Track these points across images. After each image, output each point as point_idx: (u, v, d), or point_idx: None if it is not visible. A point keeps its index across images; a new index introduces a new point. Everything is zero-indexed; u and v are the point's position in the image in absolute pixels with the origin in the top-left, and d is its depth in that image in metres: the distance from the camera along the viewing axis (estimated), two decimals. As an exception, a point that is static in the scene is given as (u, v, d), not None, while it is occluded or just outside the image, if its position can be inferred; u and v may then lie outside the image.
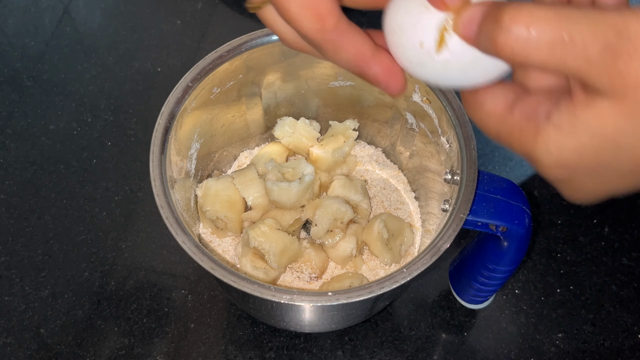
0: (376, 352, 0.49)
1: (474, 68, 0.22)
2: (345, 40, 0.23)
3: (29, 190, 0.57)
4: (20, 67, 0.66)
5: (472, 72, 0.22)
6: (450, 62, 0.22)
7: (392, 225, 0.49)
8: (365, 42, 0.24)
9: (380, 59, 0.24)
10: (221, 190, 0.47)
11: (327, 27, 0.23)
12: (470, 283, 0.46)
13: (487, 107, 0.23)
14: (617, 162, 0.20)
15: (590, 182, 0.21)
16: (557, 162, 0.20)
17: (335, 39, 0.23)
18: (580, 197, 0.23)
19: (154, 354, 0.49)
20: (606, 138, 0.19)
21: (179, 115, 0.41)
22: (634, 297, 0.53)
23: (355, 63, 0.24)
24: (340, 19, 0.23)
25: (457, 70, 0.22)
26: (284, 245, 0.45)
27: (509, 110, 0.22)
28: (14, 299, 0.51)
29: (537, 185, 0.58)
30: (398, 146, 0.53)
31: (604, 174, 0.21)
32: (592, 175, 0.21)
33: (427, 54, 0.22)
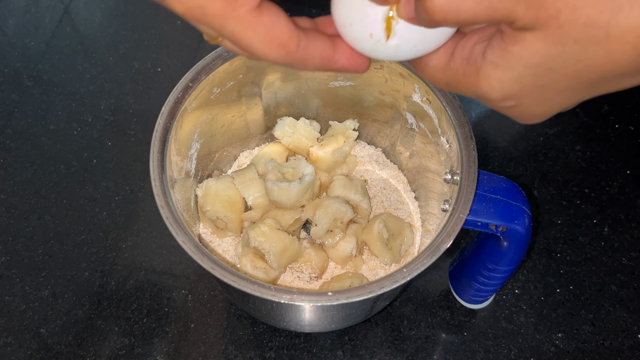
0: (376, 352, 0.49)
1: (423, 42, 0.24)
2: (309, 52, 0.24)
3: (29, 190, 0.57)
4: (20, 67, 0.66)
5: (422, 45, 0.24)
6: (400, 45, 0.24)
7: (392, 225, 0.49)
8: (325, 43, 0.25)
9: (342, 51, 0.26)
10: (221, 190, 0.47)
11: (291, 50, 0.24)
12: (470, 283, 0.46)
13: (433, 63, 0.25)
14: (555, 83, 0.22)
15: (536, 105, 0.23)
16: (502, 95, 0.22)
17: (301, 56, 0.24)
18: (532, 119, 0.24)
19: (154, 354, 0.49)
20: (539, 65, 0.21)
21: (179, 115, 0.41)
22: (633, 297, 0.53)
23: (322, 66, 0.26)
24: (301, 37, 0.24)
25: (409, 49, 0.24)
26: (284, 245, 0.45)
27: (451, 59, 0.24)
28: (14, 299, 0.51)
29: (537, 185, 0.58)
30: (398, 146, 0.53)
31: (546, 95, 0.22)
32: (536, 99, 0.23)
33: (378, 43, 0.24)
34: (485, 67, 0.22)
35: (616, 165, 0.60)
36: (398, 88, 0.46)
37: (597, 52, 0.20)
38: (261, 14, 0.22)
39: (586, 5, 0.19)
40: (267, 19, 0.23)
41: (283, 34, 0.23)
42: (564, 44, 0.20)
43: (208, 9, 0.22)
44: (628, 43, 0.19)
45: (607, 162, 0.60)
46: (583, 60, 0.20)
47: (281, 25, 0.23)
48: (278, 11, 0.23)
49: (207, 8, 0.22)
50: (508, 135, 0.61)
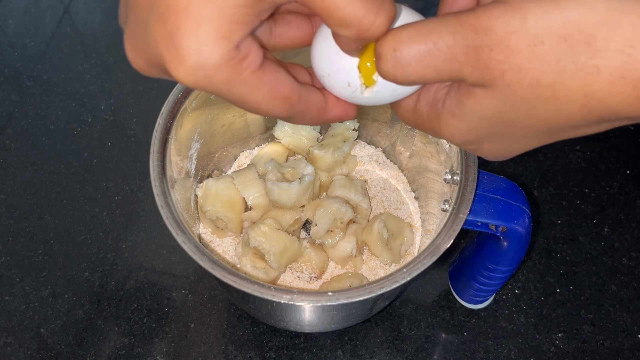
0: (376, 352, 0.49)
1: (401, 88, 0.25)
2: (308, 104, 0.25)
3: (29, 190, 0.57)
4: (20, 67, 0.66)
5: (401, 90, 0.25)
6: (380, 90, 0.25)
7: (392, 225, 0.49)
8: (319, 96, 0.26)
9: (332, 101, 0.26)
10: (221, 190, 0.47)
11: (294, 103, 0.24)
12: (470, 283, 0.46)
13: (403, 104, 0.26)
14: (511, 132, 0.22)
15: (497, 149, 0.24)
16: (461, 141, 0.24)
17: (301, 109, 0.25)
18: (496, 158, 0.25)
19: (154, 354, 0.49)
20: (492, 118, 0.21)
21: (179, 115, 0.41)
22: (633, 297, 0.53)
23: (318, 117, 0.26)
24: (301, 90, 0.24)
25: (388, 94, 0.25)
26: (284, 245, 0.45)
27: (417, 101, 0.25)
28: (14, 299, 0.51)
29: (537, 185, 0.58)
30: (398, 146, 0.53)
31: (506, 141, 0.23)
32: (495, 145, 0.23)
33: (356, 91, 0.25)
34: (445, 115, 0.23)
35: (616, 165, 0.60)
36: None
37: (546, 109, 0.20)
38: (264, 73, 0.22)
39: (531, 67, 0.19)
40: (270, 78, 0.23)
41: (285, 90, 0.23)
42: (513, 102, 0.20)
43: (214, 78, 0.21)
44: (576, 102, 0.19)
45: (607, 162, 0.60)
46: (534, 115, 0.21)
47: (283, 82, 0.23)
48: (278, 66, 0.23)
49: (213, 78, 0.21)
50: (508, 135, 0.61)
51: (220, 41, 0.20)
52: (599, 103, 0.19)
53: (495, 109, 0.21)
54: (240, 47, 0.21)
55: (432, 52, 0.20)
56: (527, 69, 0.19)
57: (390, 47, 0.21)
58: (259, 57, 0.22)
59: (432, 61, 0.21)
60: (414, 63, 0.21)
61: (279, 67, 0.23)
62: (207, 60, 0.20)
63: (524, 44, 0.19)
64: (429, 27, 0.21)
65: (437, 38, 0.20)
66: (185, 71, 0.20)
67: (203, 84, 0.21)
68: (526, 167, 0.60)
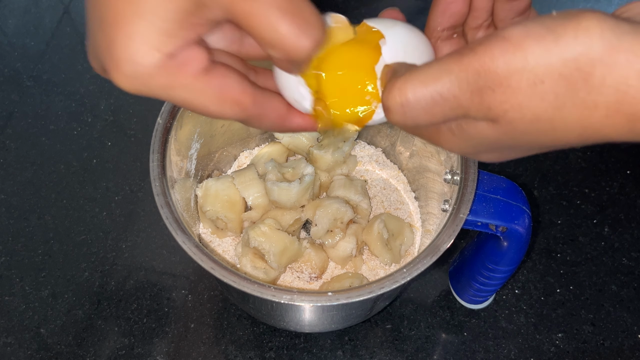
0: (376, 352, 0.49)
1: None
2: (265, 109, 0.25)
3: (29, 190, 0.57)
4: (20, 67, 0.66)
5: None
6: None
7: (392, 225, 0.49)
8: (281, 102, 0.26)
9: (295, 111, 0.27)
10: (221, 190, 0.47)
11: (246, 107, 0.24)
12: (470, 283, 0.46)
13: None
14: (509, 150, 0.24)
15: (496, 156, 0.25)
16: (459, 152, 0.25)
17: (257, 113, 0.25)
18: (494, 161, 0.26)
19: (154, 354, 0.49)
20: (491, 144, 0.23)
21: (179, 115, 0.41)
22: (634, 297, 0.53)
23: (278, 124, 0.27)
24: (255, 94, 0.25)
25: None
26: (284, 245, 0.45)
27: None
28: (14, 299, 0.51)
29: (537, 185, 0.58)
30: (398, 146, 0.53)
31: (503, 154, 0.25)
32: (495, 153, 0.25)
33: (305, 106, 0.26)
34: (445, 133, 0.24)
35: (616, 165, 0.60)
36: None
37: (545, 139, 0.21)
38: (210, 77, 0.23)
39: (531, 105, 0.20)
40: (216, 82, 0.23)
41: (235, 93, 0.24)
42: (514, 134, 0.22)
43: (151, 85, 0.22)
44: (573, 132, 0.20)
45: (607, 162, 0.60)
46: (534, 142, 0.22)
47: (233, 84, 0.24)
48: (228, 70, 0.24)
49: (150, 84, 0.22)
50: (508, 135, 0.61)
51: (150, 52, 0.21)
52: (595, 133, 0.20)
53: (496, 138, 0.22)
54: (177, 56, 0.22)
55: (438, 103, 0.21)
56: (528, 106, 0.20)
57: (397, 101, 0.22)
58: (201, 63, 0.22)
59: (439, 110, 0.22)
60: (422, 114, 0.22)
61: (231, 72, 0.24)
62: (139, 69, 0.21)
63: (525, 83, 0.20)
64: (433, 76, 0.21)
65: (443, 89, 0.21)
66: (123, 79, 0.22)
67: (142, 90, 0.22)
68: (526, 167, 0.60)
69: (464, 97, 0.21)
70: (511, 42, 0.20)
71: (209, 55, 0.23)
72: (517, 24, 0.20)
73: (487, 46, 0.20)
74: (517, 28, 0.20)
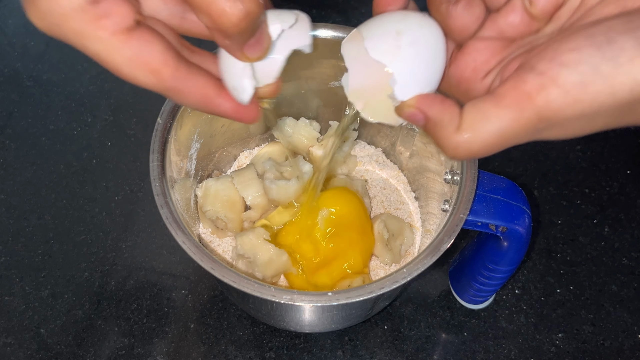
0: (376, 352, 0.49)
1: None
2: (187, 85, 0.24)
3: (29, 190, 0.57)
4: (20, 67, 0.66)
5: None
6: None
7: (392, 225, 0.49)
8: (209, 83, 0.25)
9: (226, 96, 0.26)
10: (221, 190, 0.47)
11: (164, 78, 0.23)
12: (470, 283, 0.46)
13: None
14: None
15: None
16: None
17: (175, 87, 0.24)
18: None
19: (154, 354, 0.49)
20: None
21: (179, 115, 0.41)
22: (634, 297, 0.53)
23: (202, 104, 0.26)
24: (178, 68, 0.24)
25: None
26: (269, 257, 0.44)
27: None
28: (14, 299, 0.51)
29: (537, 185, 0.58)
30: (398, 146, 0.53)
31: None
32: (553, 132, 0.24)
33: (241, 95, 0.26)
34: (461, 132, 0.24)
35: (616, 165, 0.60)
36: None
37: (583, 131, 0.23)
38: (130, 37, 0.22)
39: (577, 127, 0.22)
40: (136, 43, 0.22)
41: (154, 60, 0.23)
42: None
43: (65, 27, 0.21)
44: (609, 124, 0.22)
45: (607, 162, 0.60)
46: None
47: (153, 51, 0.23)
48: (153, 36, 0.23)
49: (63, 27, 0.21)
50: (508, 135, 0.61)
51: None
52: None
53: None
54: (100, 5, 0.21)
55: (499, 147, 0.23)
56: (574, 130, 0.22)
57: (461, 154, 0.23)
58: (124, 20, 0.22)
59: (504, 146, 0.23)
60: (483, 154, 0.23)
61: (156, 39, 0.23)
62: (55, 7, 0.21)
63: (573, 115, 0.21)
64: (496, 135, 0.22)
65: (508, 142, 0.22)
66: (37, 15, 0.21)
67: (55, 31, 0.22)
68: (526, 167, 0.60)
69: (523, 140, 0.22)
70: (566, 90, 0.20)
71: (135, 15, 0.22)
72: (565, 68, 0.20)
73: (546, 98, 0.21)
74: (570, 74, 0.20)
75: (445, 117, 0.23)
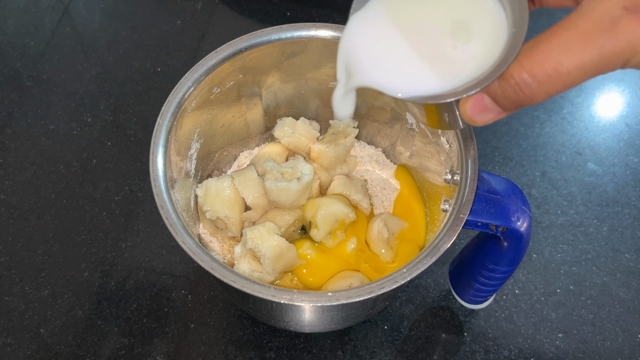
0: (376, 352, 0.49)
1: None
2: None
3: (29, 190, 0.57)
4: (20, 67, 0.66)
5: None
6: None
7: (392, 225, 0.49)
8: None
9: None
10: (221, 190, 0.47)
11: None
12: (470, 283, 0.46)
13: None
14: None
15: None
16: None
17: None
18: None
19: (154, 354, 0.49)
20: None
21: (179, 115, 0.41)
22: (633, 297, 0.53)
23: None
24: None
25: None
26: (281, 250, 0.44)
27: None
28: (14, 299, 0.51)
29: (537, 185, 0.58)
30: (398, 146, 0.53)
31: None
32: None
33: None
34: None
35: (616, 165, 0.60)
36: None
37: None
38: None
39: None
40: None
41: None
42: None
43: None
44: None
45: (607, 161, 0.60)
46: None
47: None
48: None
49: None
50: (508, 135, 0.61)
51: None
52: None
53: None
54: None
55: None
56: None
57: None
58: None
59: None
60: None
61: None
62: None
63: None
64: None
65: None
66: None
67: None
68: (526, 167, 0.60)
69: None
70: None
71: None
72: None
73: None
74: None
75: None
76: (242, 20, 0.69)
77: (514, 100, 0.24)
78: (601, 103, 0.64)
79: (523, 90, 0.23)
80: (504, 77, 0.23)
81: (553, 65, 0.22)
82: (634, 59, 0.22)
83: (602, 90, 0.65)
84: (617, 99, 0.65)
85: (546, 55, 0.22)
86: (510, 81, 0.23)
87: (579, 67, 0.22)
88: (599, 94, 0.65)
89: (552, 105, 0.64)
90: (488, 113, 0.25)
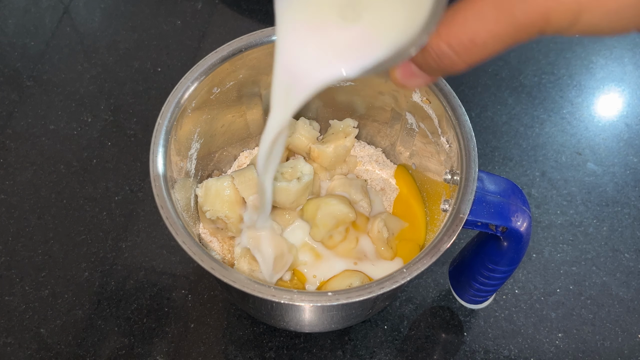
0: (376, 352, 0.49)
1: None
2: None
3: (29, 190, 0.57)
4: (20, 67, 0.66)
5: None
6: None
7: (392, 225, 0.49)
8: None
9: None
10: (221, 190, 0.47)
11: None
12: (470, 283, 0.46)
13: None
14: None
15: None
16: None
17: None
18: None
19: (154, 354, 0.49)
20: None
21: (179, 115, 0.41)
22: (634, 297, 0.53)
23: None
24: None
25: None
26: (281, 251, 0.44)
27: None
28: (14, 299, 0.51)
29: (537, 185, 0.58)
30: (398, 146, 0.53)
31: None
32: None
33: None
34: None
35: (616, 164, 0.60)
36: (398, 88, 0.46)
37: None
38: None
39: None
40: None
41: None
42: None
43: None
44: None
45: (607, 161, 0.60)
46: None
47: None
48: None
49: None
50: (508, 135, 0.61)
51: None
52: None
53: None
54: None
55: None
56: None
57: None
58: None
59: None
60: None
61: None
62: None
63: None
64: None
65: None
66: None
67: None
68: (526, 167, 0.60)
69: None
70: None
71: None
72: None
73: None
74: None
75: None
76: (242, 20, 0.69)
77: (437, 69, 0.24)
78: (601, 103, 0.64)
79: (443, 60, 0.23)
80: (425, 48, 0.24)
81: (469, 36, 0.22)
82: (548, 28, 0.21)
83: (602, 90, 0.65)
84: (617, 99, 0.65)
85: (462, 26, 0.22)
86: (430, 52, 0.23)
87: (495, 37, 0.22)
88: (598, 94, 0.65)
89: (552, 105, 0.64)
90: (417, 78, 0.26)
